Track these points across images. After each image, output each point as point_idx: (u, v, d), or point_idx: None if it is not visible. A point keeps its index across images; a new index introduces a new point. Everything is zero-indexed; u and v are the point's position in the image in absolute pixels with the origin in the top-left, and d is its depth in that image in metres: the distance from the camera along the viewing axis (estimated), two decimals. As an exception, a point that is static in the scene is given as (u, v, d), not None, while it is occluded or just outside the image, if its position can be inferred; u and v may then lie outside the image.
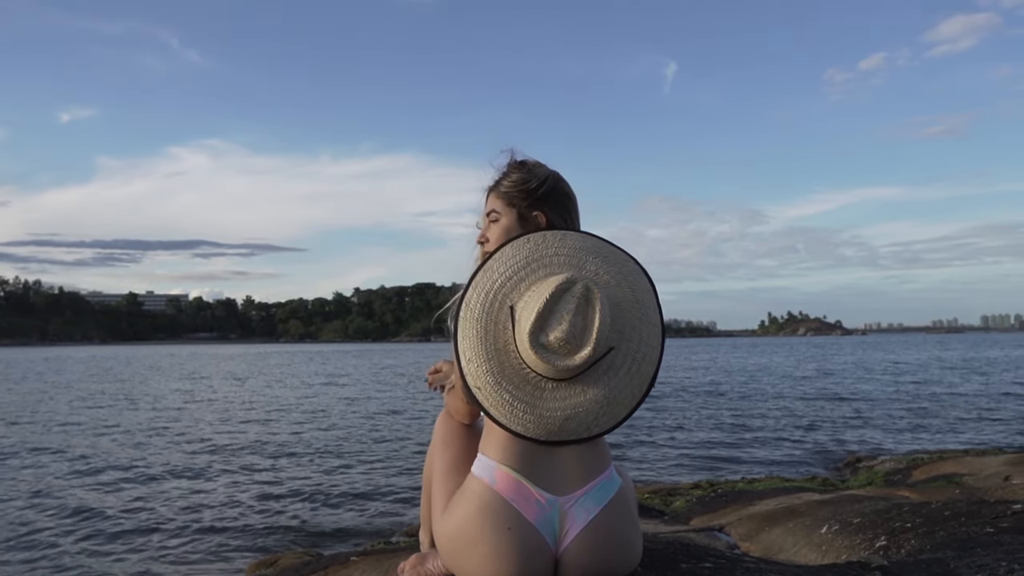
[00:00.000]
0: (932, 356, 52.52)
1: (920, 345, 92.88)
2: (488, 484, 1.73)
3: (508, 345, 1.69)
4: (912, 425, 14.77)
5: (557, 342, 1.60)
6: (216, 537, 7.01)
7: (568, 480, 1.75)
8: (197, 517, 7.67)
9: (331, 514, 7.95)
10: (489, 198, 2.03)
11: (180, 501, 8.39)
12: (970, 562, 2.11)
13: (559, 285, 1.62)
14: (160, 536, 7.00)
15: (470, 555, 1.72)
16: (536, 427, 1.68)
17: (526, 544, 1.70)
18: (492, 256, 1.77)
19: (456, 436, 1.98)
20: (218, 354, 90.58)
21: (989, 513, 2.77)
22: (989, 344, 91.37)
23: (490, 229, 2.00)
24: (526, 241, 1.77)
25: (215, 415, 17.91)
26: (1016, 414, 16.37)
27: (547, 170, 2.00)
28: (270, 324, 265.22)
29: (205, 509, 8.00)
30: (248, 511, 7.96)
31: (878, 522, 3.02)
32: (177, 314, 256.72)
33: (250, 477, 9.83)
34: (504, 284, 1.73)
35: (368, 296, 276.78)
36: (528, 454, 1.74)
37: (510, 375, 1.68)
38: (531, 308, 1.62)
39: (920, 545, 2.50)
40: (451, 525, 1.77)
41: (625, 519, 1.81)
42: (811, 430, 14.05)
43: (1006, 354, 53.39)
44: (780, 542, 3.41)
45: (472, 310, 1.72)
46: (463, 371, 1.71)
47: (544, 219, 1.95)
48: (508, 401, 1.67)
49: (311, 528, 7.40)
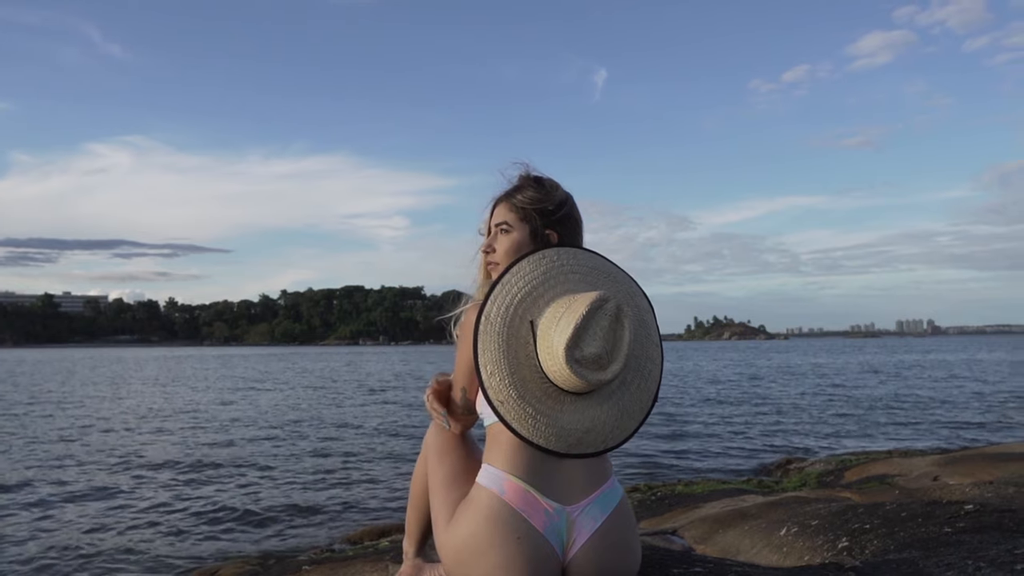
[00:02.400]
0: (851, 360, 54.36)
1: (840, 349, 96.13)
2: (497, 494, 1.76)
3: (530, 359, 1.71)
4: (836, 427, 15.26)
5: (592, 357, 1.64)
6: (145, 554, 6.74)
7: (574, 489, 1.79)
8: (120, 534, 7.35)
9: (263, 525, 7.73)
10: (498, 208, 2.03)
11: (99, 519, 7.92)
12: (937, 561, 2.19)
13: (593, 303, 1.65)
14: (77, 557, 6.66)
15: (479, 565, 1.74)
16: (557, 440, 1.71)
17: (536, 553, 1.73)
18: (509, 270, 1.79)
19: (452, 447, 1.99)
20: (139, 357, 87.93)
21: (944, 514, 2.88)
22: (904, 348, 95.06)
23: (498, 240, 2.00)
24: (542, 257, 1.80)
25: (133, 423, 17.27)
26: (930, 417, 17.08)
27: (564, 192, 2.03)
28: (194, 327, 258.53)
29: (127, 526, 7.62)
30: (178, 524, 7.68)
31: (836, 523, 3.11)
32: (96, 316, 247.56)
33: (174, 491, 9.38)
34: (524, 299, 1.75)
35: (295, 298, 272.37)
36: (536, 465, 1.78)
37: (532, 389, 1.71)
38: (564, 324, 1.65)
39: (883, 546, 2.59)
40: (459, 535, 1.78)
41: (628, 526, 1.86)
42: (740, 433, 14.38)
43: (919, 358, 55.61)
44: (736, 544, 3.47)
45: (492, 323, 1.74)
46: (484, 385, 1.72)
47: (556, 238, 1.97)
48: (531, 415, 1.70)
49: (245, 539, 7.21)
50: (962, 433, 14.29)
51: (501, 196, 2.04)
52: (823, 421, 16.35)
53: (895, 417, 16.98)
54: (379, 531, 7.33)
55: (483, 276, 2.07)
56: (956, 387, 25.98)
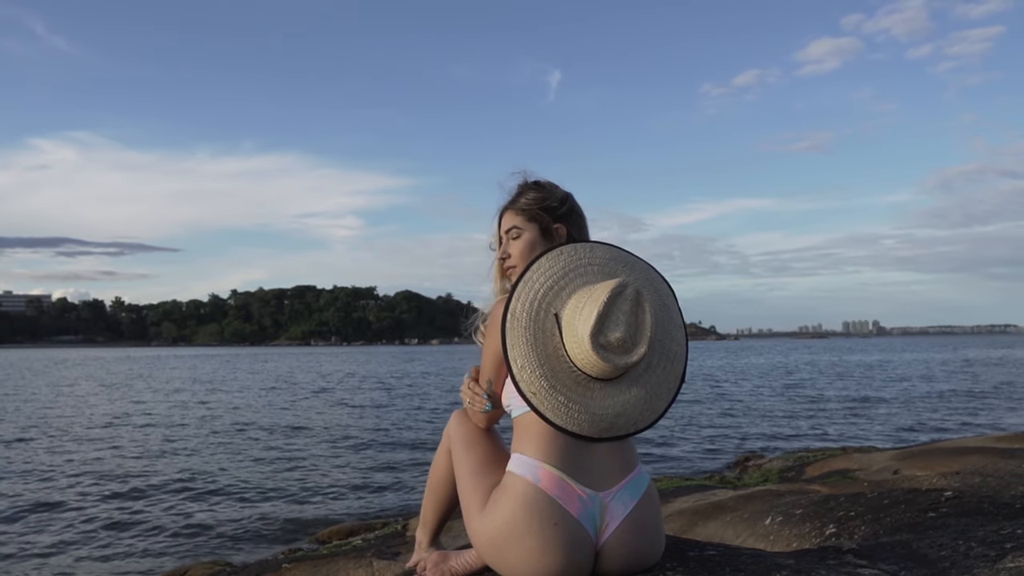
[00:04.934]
0: (801, 360, 55.48)
1: (789, 350, 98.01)
2: (532, 482, 1.82)
3: (557, 350, 1.79)
4: (789, 425, 15.61)
5: (617, 342, 1.72)
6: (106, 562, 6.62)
7: (606, 476, 1.87)
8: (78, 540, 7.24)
9: (222, 528, 7.63)
10: (505, 217, 2.14)
11: (47, 533, 7.69)
12: (930, 543, 2.28)
13: (613, 289, 1.74)
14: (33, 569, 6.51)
15: (516, 550, 1.81)
16: (590, 426, 1.80)
17: (572, 537, 1.80)
18: (530, 267, 1.87)
19: (480, 437, 2.07)
20: (85, 358, 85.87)
21: (925, 501, 2.99)
22: (851, 349, 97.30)
23: (511, 245, 2.10)
24: (560, 253, 1.89)
25: (76, 426, 16.89)
26: (879, 414, 17.58)
27: (563, 190, 2.15)
28: (141, 327, 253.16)
29: (71, 539, 7.39)
30: (132, 528, 7.57)
31: (821, 512, 3.20)
32: (38, 316, 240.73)
33: (123, 500, 9.11)
34: (546, 294, 1.83)
35: (246, 298, 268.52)
36: (569, 453, 1.84)
37: (562, 378, 1.79)
38: (587, 312, 1.73)
39: (871, 531, 2.68)
40: (495, 522, 1.85)
41: (656, 511, 1.95)
42: (697, 432, 14.60)
43: (864, 358, 56.99)
44: (719, 534, 3.55)
45: (519, 319, 1.82)
46: (516, 378, 1.80)
47: (565, 231, 2.09)
48: (564, 403, 1.78)
49: (208, 544, 7.09)
50: (911, 429, 14.73)
51: (505, 206, 2.16)
52: (776, 419, 16.70)
53: (846, 415, 17.43)
54: (347, 531, 7.29)
55: (500, 286, 2.16)
56: (903, 386, 26.71)
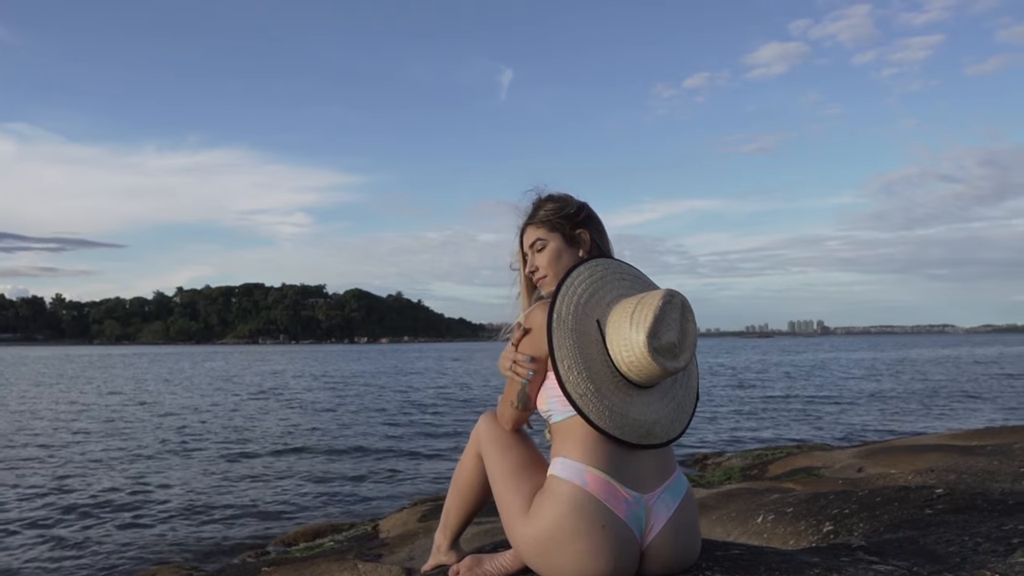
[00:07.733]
0: (748, 359, 56.42)
1: (736, 349, 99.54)
2: (579, 486, 1.84)
3: (601, 355, 1.86)
4: (742, 424, 15.82)
5: (668, 346, 1.80)
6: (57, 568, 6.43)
7: (648, 479, 1.91)
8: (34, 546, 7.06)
9: (175, 533, 7.41)
10: (527, 232, 2.18)
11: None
12: (936, 539, 2.32)
13: (665, 296, 1.82)
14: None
15: (565, 553, 1.83)
16: (631, 432, 1.86)
17: (619, 539, 1.84)
18: (570, 274, 1.94)
19: (515, 440, 2.08)
20: (22, 356, 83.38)
21: (917, 498, 3.03)
22: (795, 348, 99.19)
23: (537, 257, 2.13)
24: (596, 265, 1.99)
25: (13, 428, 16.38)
26: (826, 412, 17.97)
27: (578, 199, 2.20)
28: (83, 325, 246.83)
29: (22, 543, 7.16)
30: (79, 548, 7.34)
31: (813, 510, 3.24)
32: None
33: (66, 518, 8.42)
34: (588, 300, 1.91)
35: (192, 296, 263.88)
36: (614, 457, 1.88)
37: (606, 383, 1.85)
38: (642, 316, 1.80)
39: (870, 528, 2.71)
40: (542, 526, 1.86)
41: (695, 513, 2.02)
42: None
43: (809, 357, 58.22)
44: (708, 532, 3.56)
45: (564, 321, 1.87)
46: (563, 380, 1.84)
47: (588, 236, 2.14)
48: (608, 407, 1.84)
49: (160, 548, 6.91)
50: (863, 428, 15.05)
51: (525, 222, 2.20)
52: (728, 419, 16.92)
53: (796, 414, 17.75)
54: (313, 532, 7.15)
55: (527, 299, 2.20)
56: (850, 384, 27.35)
